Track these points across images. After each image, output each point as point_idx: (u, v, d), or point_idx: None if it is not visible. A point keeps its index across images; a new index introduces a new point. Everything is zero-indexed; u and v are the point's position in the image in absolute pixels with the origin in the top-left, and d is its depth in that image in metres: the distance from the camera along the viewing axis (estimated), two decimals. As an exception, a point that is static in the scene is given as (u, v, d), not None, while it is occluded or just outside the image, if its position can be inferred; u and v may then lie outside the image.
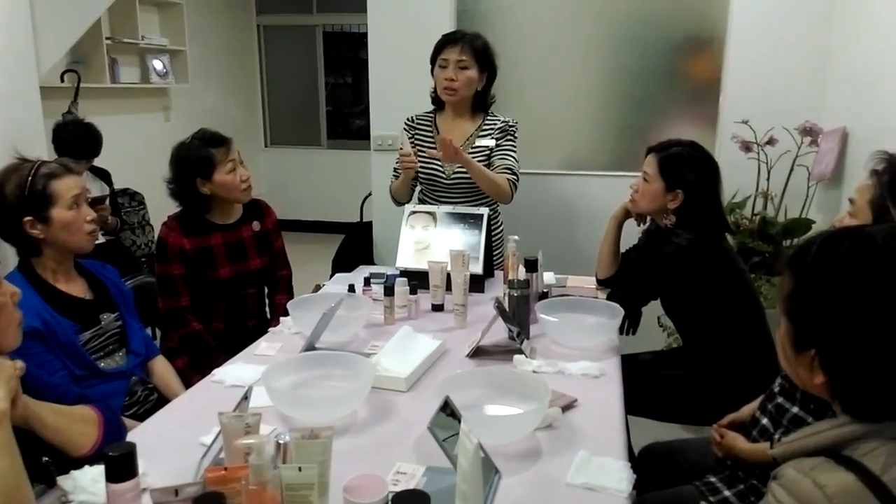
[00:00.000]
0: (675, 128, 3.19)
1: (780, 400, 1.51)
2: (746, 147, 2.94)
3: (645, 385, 2.08)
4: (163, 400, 1.88)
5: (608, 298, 2.16)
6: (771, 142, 2.92)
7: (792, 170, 2.94)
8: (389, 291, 2.10)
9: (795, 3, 3.02)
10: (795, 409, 1.47)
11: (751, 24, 3.06)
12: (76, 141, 3.43)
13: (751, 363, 2.03)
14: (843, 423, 0.97)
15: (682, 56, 3.22)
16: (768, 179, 2.98)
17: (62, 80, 4.23)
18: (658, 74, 3.24)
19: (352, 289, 2.22)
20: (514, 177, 2.50)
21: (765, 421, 1.53)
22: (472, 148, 2.56)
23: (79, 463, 1.22)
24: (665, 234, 2.11)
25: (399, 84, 3.34)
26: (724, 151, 3.01)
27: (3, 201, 1.65)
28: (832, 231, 1.04)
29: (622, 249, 2.38)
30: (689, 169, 2.06)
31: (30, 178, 1.66)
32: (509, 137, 2.58)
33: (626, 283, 2.25)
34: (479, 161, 2.51)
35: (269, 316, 2.50)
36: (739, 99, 3.09)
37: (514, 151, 2.56)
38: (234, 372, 1.72)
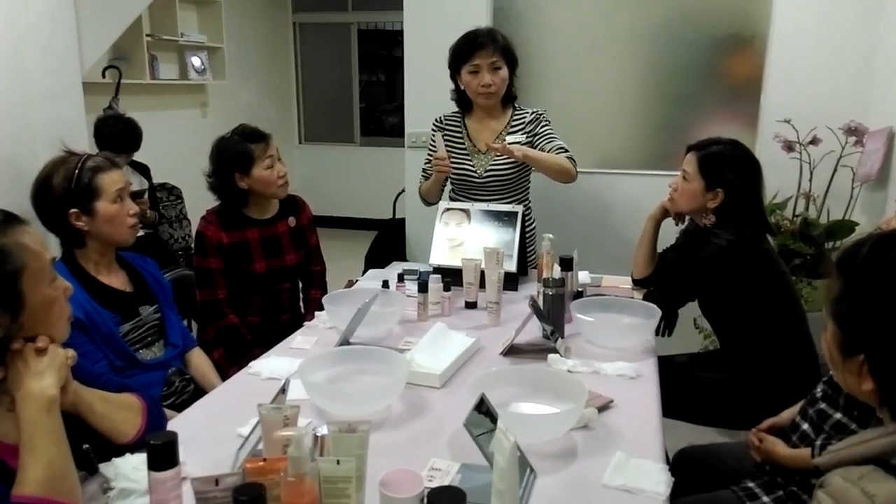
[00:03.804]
0: (714, 126, 3.13)
1: (822, 405, 1.48)
2: (789, 147, 2.88)
3: (681, 387, 2.05)
4: (199, 391, 1.91)
5: (645, 299, 2.13)
6: (814, 141, 2.86)
7: (835, 170, 2.88)
8: (423, 288, 2.10)
9: (840, 0, 2.95)
10: (838, 416, 1.43)
11: (794, 21, 2.99)
12: (117, 136, 3.49)
13: (791, 367, 1.99)
14: (892, 432, 0.95)
15: (723, 54, 3.17)
16: (811, 180, 2.91)
17: (104, 76, 4.32)
18: (697, 72, 3.19)
19: (385, 285, 2.22)
20: (569, 152, 2.48)
21: (805, 426, 1.50)
22: None
23: (118, 450, 1.24)
24: (704, 234, 2.07)
25: (434, 82, 3.32)
26: (764, 151, 2.95)
27: (51, 193, 1.69)
28: (883, 233, 1.01)
29: (659, 249, 2.35)
30: (729, 168, 2.03)
31: (76, 171, 1.70)
32: (543, 124, 2.56)
33: (664, 283, 2.22)
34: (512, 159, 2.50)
35: (303, 310, 2.52)
36: (782, 98, 3.02)
37: (555, 134, 2.54)
38: (271, 365, 1.74)
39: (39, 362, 1.09)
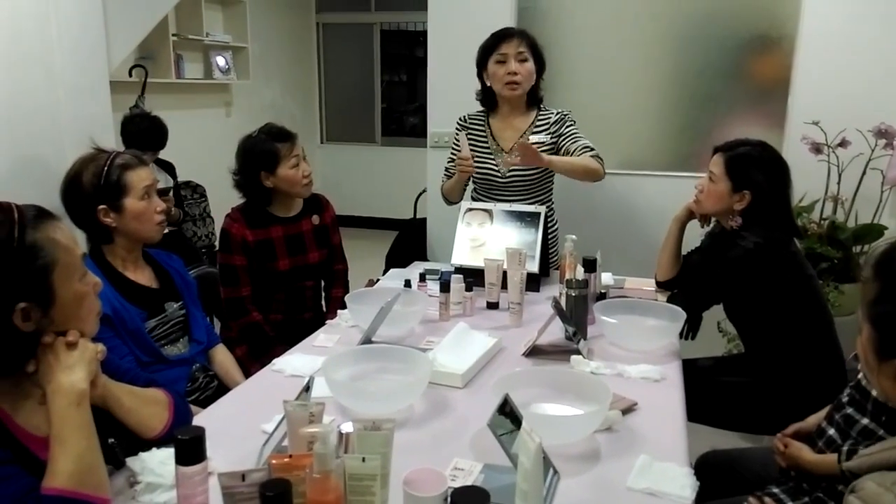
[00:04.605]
0: (740, 128, 3.10)
1: (849, 411, 1.46)
2: (817, 149, 2.84)
3: (704, 391, 2.03)
4: (223, 387, 1.92)
5: (669, 301, 2.11)
6: (843, 144, 2.82)
7: (864, 173, 2.84)
8: (445, 288, 2.10)
9: (870, 1, 2.91)
10: (866, 421, 1.41)
11: (823, 22, 2.95)
12: (143, 134, 3.53)
13: (817, 372, 1.96)
14: (927, 437, 0.93)
15: (749, 55, 3.13)
16: (839, 183, 2.87)
17: (130, 75, 4.36)
18: (723, 73, 3.16)
19: (408, 284, 2.23)
20: (595, 151, 2.48)
21: (832, 432, 1.48)
22: None
23: (143, 445, 1.25)
24: (730, 236, 2.05)
25: (457, 81, 3.33)
26: (791, 153, 2.90)
27: (80, 189, 1.72)
28: None
29: (684, 252, 2.33)
30: (757, 169, 2.00)
31: (106, 168, 1.72)
32: (569, 124, 2.55)
33: (689, 286, 2.20)
34: None
35: (325, 309, 2.53)
36: (810, 99, 2.98)
37: (580, 133, 2.54)
38: (294, 362, 1.75)
39: (70, 356, 1.11)
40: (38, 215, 1.12)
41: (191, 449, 1.03)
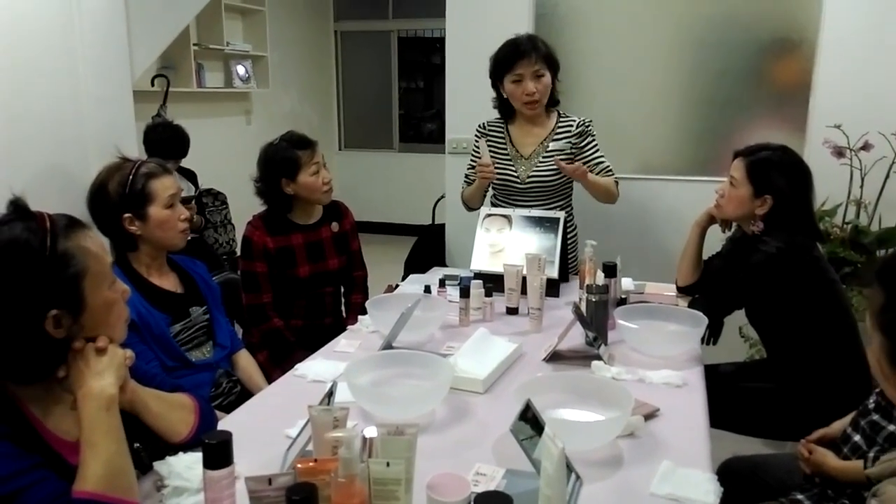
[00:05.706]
0: (760, 132, 3.08)
1: (875, 417, 1.45)
2: (839, 152, 2.81)
3: (727, 397, 2.02)
4: (246, 392, 1.94)
5: (690, 306, 2.10)
6: (865, 147, 2.79)
7: (888, 177, 2.81)
8: (465, 293, 2.10)
9: (891, 4, 2.88)
10: (892, 427, 1.40)
11: (845, 25, 2.93)
12: (165, 142, 3.58)
13: (841, 377, 1.94)
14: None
15: (770, 58, 3.11)
16: (861, 186, 2.84)
17: (152, 85, 4.42)
18: (743, 77, 3.14)
19: (427, 290, 2.24)
20: (614, 174, 2.55)
21: (857, 438, 1.47)
22: (547, 152, 2.54)
23: (168, 449, 1.27)
24: (752, 241, 2.03)
25: (475, 88, 3.34)
26: (813, 157, 2.88)
27: (106, 198, 1.75)
28: None
29: (704, 257, 2.32)
30: (779, 173, 1.99)
31: (131, 177, 1.75)
32: (589, 138, 2.56)
33: (711, 291, 2.19)
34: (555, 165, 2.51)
35: (344, 314, 2.55)
36: (831, 102, 2.96)
37: (599, 149, 2.57)
38: (316, 367, 1.76)
39: (100, 362, 1.13)
40: (68, 224, 1.14)
41: (218, 453, 1.04)
